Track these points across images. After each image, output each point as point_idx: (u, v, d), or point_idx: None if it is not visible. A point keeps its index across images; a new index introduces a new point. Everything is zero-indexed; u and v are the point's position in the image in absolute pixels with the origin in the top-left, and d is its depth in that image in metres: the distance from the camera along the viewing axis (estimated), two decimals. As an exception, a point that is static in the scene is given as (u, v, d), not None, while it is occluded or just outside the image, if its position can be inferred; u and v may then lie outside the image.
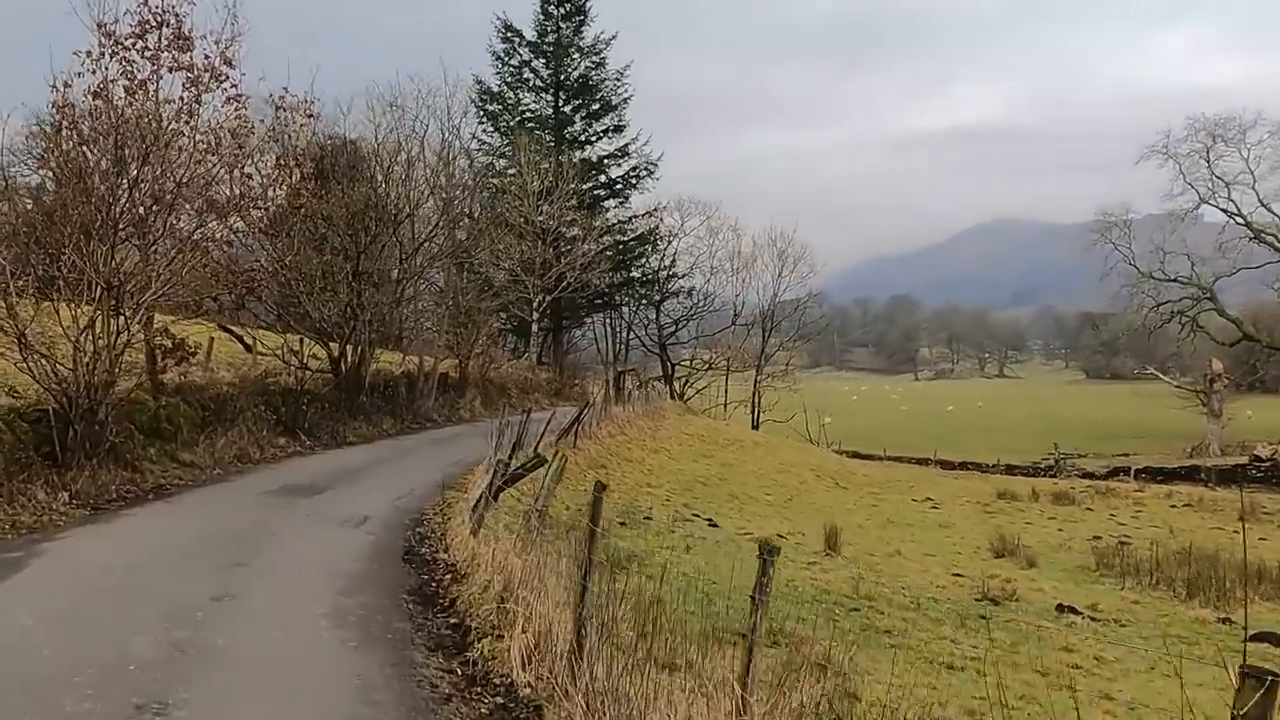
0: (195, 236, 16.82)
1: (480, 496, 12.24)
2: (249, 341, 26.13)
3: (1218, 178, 65.56)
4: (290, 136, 17.78)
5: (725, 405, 60.94)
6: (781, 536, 21.18)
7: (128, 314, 15.31)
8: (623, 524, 17.66)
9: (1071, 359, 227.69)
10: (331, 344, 25.38)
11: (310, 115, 18.09)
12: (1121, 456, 60.94)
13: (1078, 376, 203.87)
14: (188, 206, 16.69)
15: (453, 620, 8.26)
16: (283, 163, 17.68)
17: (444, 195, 29.67)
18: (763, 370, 62.82)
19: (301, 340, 24.96)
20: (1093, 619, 13.90)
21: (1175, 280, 67.63)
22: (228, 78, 17.43)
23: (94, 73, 16.46)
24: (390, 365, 30.60)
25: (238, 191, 17.52)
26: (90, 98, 16.50)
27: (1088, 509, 35.57)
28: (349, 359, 25.66)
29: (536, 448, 22.93)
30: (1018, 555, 22.29)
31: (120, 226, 14.84)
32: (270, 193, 18.06)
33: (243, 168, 17.53)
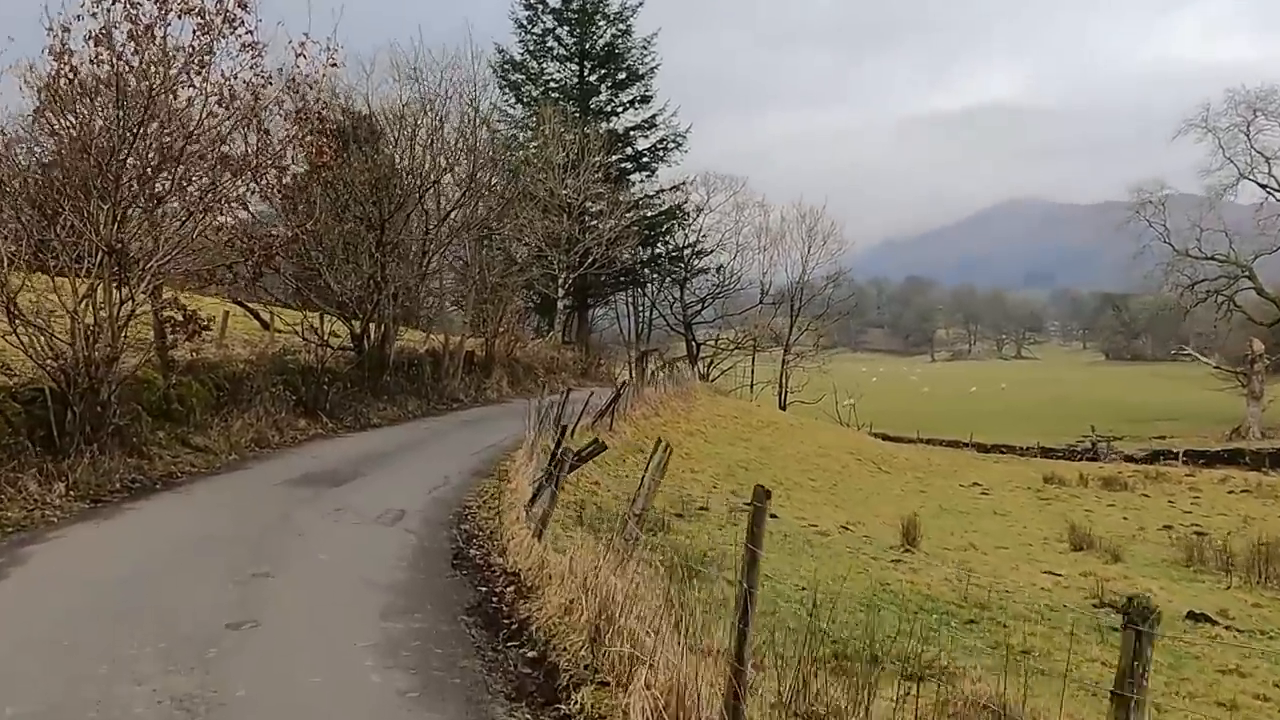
0: (207, 198, 15.10)
1: (537, 489, 10.56)
2: (266, 318, 24.50)
3: (1258, 152, 63.63)
4: (312, 87, 16.03)
5: (752, 386, 59.19)
6: (845, 528, 19.51)
7: (133, 282, 13.65)
8: (679, 516, 15.99)
9: (1090, 340, 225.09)
10: (354, 321, 23.71)
11: (334, 64, 16.34)
12: (1158, 439, 59.15)
13: (1097, 358, 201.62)
14: (200, 164, 14.98)
15: (530, 654, 6.55)
16: (303, 117, 15.93)
17: (470, 162, 27.90)
18: (790, 350, 60.98)
19: (321, 316, 23.29)
20: (1237, 630, 12.20)
21: (1212, 258, 65.61)
22: (242, 22, 15.67)
23: (95, 16, 14.75)
24: (414, 343, 28.95)
25: (254, 148, 15.80)
26: (91, 44, 14.81)
27: (1143, 495, 33.88)
28: (372, 336, 24.00)
29: (573, 430, 21.44)
30: (1097, 548, 20.59)
31: (123, 182, 13.14)
32: (290, 151, 16.32)
33: (259, 122, 15.78)
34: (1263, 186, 63.72)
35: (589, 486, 16.96)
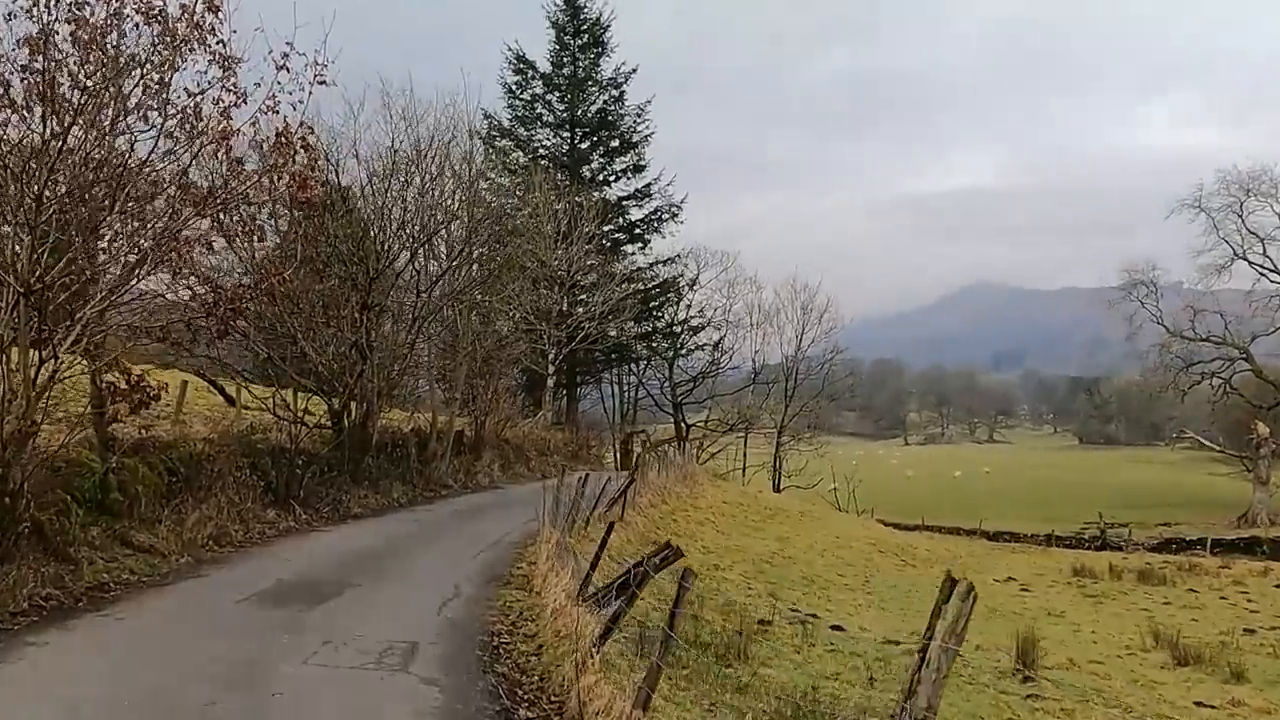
0: (162, 237, 12.11)
1: (614, 616, 7.49)
2: (231, 393, 21.21)
3: (1251, 232, 62.99)
4: (295, 108, 13.26)
5: (744, 469, 56.15)
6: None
7: (59, 337, 10.59)
8: (739, 634, 12.80)
9: (1060, 424, 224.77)
10: (333, 397, 20.50)
11: (322, 81, 13.59)
12: (1165, 526, 56.83)
13: (1069, 442, 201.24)
14: (154, 192, 12.05)
15: None
16: (284, 141, 13.10)
17: (468, 217, 25.15)
18: (784, 431, 58.14)
19: (295, 391, 20.08)
20: None
21: (1208, 340, 64.56)
22: (213, 30, 12.90)
23: (30, 16, 11.92)
24: (397, 422, 25.75)
25: (222, 179, 12.94)
26: (25, 50, 11.94)
27: (1190, 590, 30.92)
28: (353, 413, 20.82)
29: (589, 521, 18.59)
30: (1205, 661, 17.62)
31: (46, 204, 10.16)
32: (267, 183, 13.43)
33: (229, 148, 12.90)
34: (1254, 265, 62.96)
35: (621, 593, 13.85)
